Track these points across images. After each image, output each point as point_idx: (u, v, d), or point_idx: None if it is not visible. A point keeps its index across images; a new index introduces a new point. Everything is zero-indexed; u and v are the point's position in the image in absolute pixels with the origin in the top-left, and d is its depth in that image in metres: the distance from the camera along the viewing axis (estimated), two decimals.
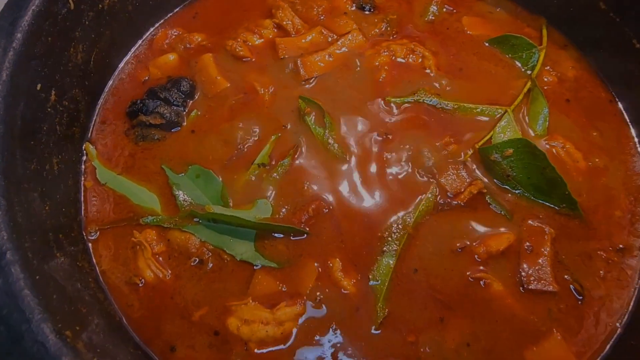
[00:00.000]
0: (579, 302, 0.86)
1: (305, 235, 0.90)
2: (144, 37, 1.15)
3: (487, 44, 1.17)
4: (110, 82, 1.07)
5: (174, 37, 1.16)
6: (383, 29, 1.19)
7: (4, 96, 0.75)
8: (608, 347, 0.82)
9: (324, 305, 0.84)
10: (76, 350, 0.59)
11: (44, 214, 0.78)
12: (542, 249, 0.90)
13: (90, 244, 0.88)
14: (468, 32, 1.19)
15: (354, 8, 1.22)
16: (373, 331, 0.83)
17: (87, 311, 0.73)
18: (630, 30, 1.04)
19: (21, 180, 0.75)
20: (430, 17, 1.21)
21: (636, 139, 1.03)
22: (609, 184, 0.99)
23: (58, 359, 0.57)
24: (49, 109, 0.88)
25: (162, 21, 1.18)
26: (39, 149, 0.83)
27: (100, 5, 1.00)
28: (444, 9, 1.22)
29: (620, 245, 0.92)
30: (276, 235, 0.90)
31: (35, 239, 0.72)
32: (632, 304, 0.86)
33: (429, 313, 0.85)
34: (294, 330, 0.82)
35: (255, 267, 0.88)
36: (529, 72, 1.12)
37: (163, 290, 0.86)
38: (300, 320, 0.83)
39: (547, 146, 1.02)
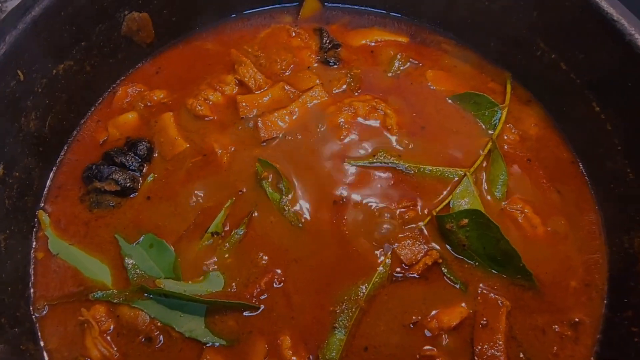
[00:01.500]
0: None
1: (258, 310, 0.89)
2: (104, 96, 1.14)
3: (450, 101, 1.17)
4: (67, 147, 1.06)
5: (134, 94, 1.15)
6: (346, 84, 1.18)
7: None
8: None
9: None
10: None
11: None
12: (498, 325, 0.89)
13: (37, 324, 0.87)
14: (432, 87, 1.18)
15: (317, 62, 1.22)
16: None
17: None
18: (590, 92, 1.03)
19: None
20: (395, 71, 1.21)
21: (597, 205, 1.02)
22: (567, 252, 0.98)
23: None
24: None
25: (123, 77, 1.18)
26: None
27: (54, 71, 0.99)
28: (409, 63, 1.21)
29: (575, 319, 0.91)
30: (227, 310, 0.89)
31: None
32: None
33: None
34: None
35: (204, 345, 0.87)
36: (490, 131, 1.11)
37: None
38: None
39: (506, 210, 1.02)
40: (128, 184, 1.00)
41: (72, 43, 1.02)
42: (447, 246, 0.96)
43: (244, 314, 0.89)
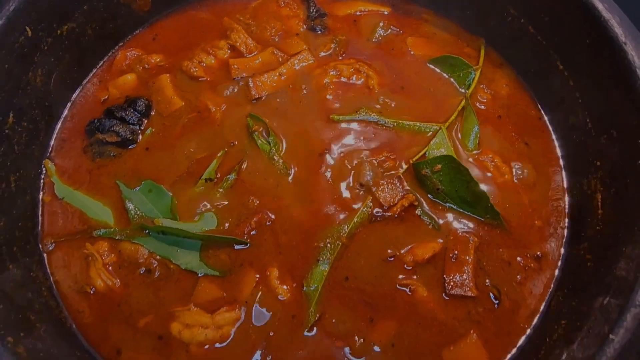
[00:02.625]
0: (495, 306, 0.94)
1: (247, 245, 0.98)
2: (105, 59, 1.22)
3: (428, 64, 1.25)
4: (70, 103, 1.14)
5: (133, 57, 1.23)
6: (332, 50, 1.26)
7: None
8: (517, 346, 0.90)
9: (260, 310, 0.92)
10: (16, 354, 0.66)
11: None
12: (466, 257, 0.98)
13: (45, 256, 0.95)
14: (412, 52, 1.27)
15: (305, 29, 1.30)
16: (305, 334, 0.90)
17: (36, 318, 0.80)
18: (554, 52, 1.12)
19: None
20: (378, 38, 1.29)
21: (560, 155, 1.11)
22: (533, 196, 1.07)
23: None
24: (6, 131, 0.95)
25: (122, 43, 1.25)
26: None
27: (58, 31, 1.07)
28: (390, 30, 1.30)
29: (538, 253, 1.00)
30: (219, 245, 0.98)
31: None
32: (543, 306, 0.94)
33: (359, 316, 0.92)
34: (232, 333, 0.89)
35: (199, 276, 0.95)
36: (464, 90, 1.20)
37: (112, 298, 0.92)
38: (238, 324, 0.90)
39: (477, 160, 1.11)
40: (128, 136, 1.08)
41: (75, 6, 1.10)
42: (423, 190, 1.05)
43: (235, 247, 0.97)
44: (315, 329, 0.91)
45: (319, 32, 1.30)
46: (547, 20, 1.12)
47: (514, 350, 0.90)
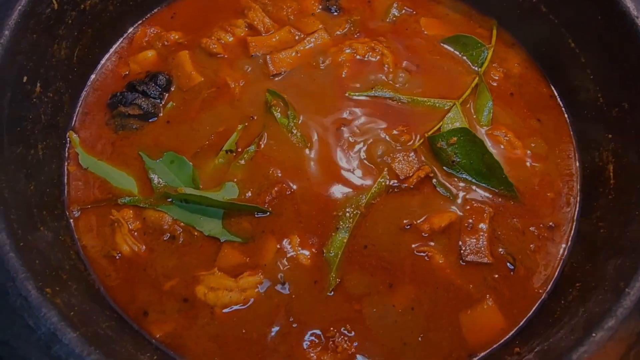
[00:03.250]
0: (511, 273, 0.97)
1: (268, 213, 1.00)
2: (125, 35, 1.24)
3: (441, 44, 1.28)
4: (93, 76, 1.16)
5: (152, 35, 1.25)
6: (347, 29, 1.29)
7: None
8: (532, 310, 0.93)
9: (282, 275, 0.94)
10: (55, 305, 0.68)
11: (28, 192, 0.87)
12: (481, 226, 1.00)
13: (72, 222, 0.98)
14: (425, 32, 1.30)
15: (320, 10, 1.32)
16: (326, 296, 0.93)
17: (67, 277, 0.82)
18: (565, 30, 1.15)
19: (7, 161, 0.84)
20: (392, 18, 1.32)
21: (571, 131, 1.14)
22: (545, 170, 1.10)
23: (38, 310, 0.66)
24: (34, 100, 0.97)
25: (141, 20, 1.28)
26: (24, 135, 0.92)
27: (82, 6, 1.09)
28: (404, 11, 1.33)
29: (551, 223, 1.02)
30: (241, 214, 1.00)
31: (21, 213, 0.81)
32: (556, 274, 0.97)
33: (378, 280, 0.95)
34: (255, 296, 0.92)
35: (222, 242, 0.97)
36: (477, 68, 1.23)
37: (138, 262, 0.95)
38: (261, 288, 0.93)
39: (491, 135, 1.13)
40: (150, 109, 1.11)
41: None
42: (438, 163, 1.08)
43: (256, 215, 1.00)
44: (335, 293, 0.94)
45: (334, 12, 1.32)
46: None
47: (529, 314, 0.92)
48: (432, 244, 0.99)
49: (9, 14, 0.91)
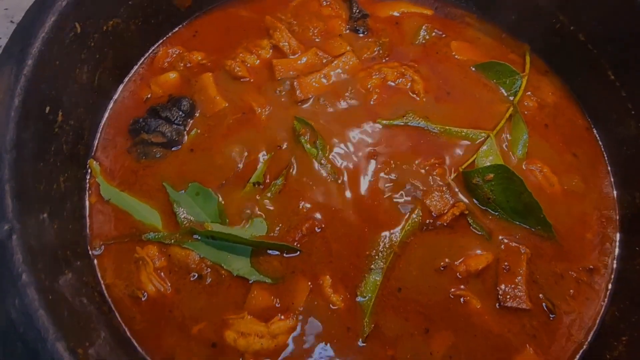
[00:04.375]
0: (551, 319, 0.93)
1: (298, 252, 0.96)
2: (146, 56, 1.19)
3: (473, 69, 1.24)
4: (114, 101, 1.12)
5: (174, 55, 1.20)
6: (375, 53, 1.24)
7: (16, 122, 0.79)
8: None
9: (314, 320, 0.91)
10: None
11: (52, 232, 0.83)
12: (518, 269, 0.97)
13: (95, 260, 0.93)
14: (456, 56, 1.26)
15: (347, 31, 1.28)
16: (360, 344, 0.89)
17: (94, 326, 0.78)
18: (605, 62, 1.11)
19: (32, 201, 0.79)
20: (421, 41, 1.27)
21: (609, 167, 1.11)
22: (582, 208, 1.06)
23: None
24: (56, 130, 0.92)
25: (163, 39, 1.23)
26: (47, 169, 0.87)
27: (104, 27, 1.04)
28: (434, 33, 1.28)
29: (590, 266, 0.99)
30: (271, 252, 0.96)
31: (47, 259, 0.76)
32: (598, 321, 0.94)
33: (414, 326, 0.91)
34: (287, 343, 0.88)
35: (250, 282, 0.93)
36: (511, 97, 1.19)
37: (164, 303, 0.91)
38: (293, 334, 0.89)
39: (526, 169, 1.09)
40: (174, 137, 1.06)
41: (121, 1, 1.07)
42: (473, 199, 1.04)
43: (286, 255, 0.96)
44: (368, 337, 0.90)
45: (361, 34, 1.27)
46: (600, 30, 1.11)
47: None
48: (468, 287, 0.95)
49: (31, 42, 0.86)
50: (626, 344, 0.83)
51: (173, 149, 1.07)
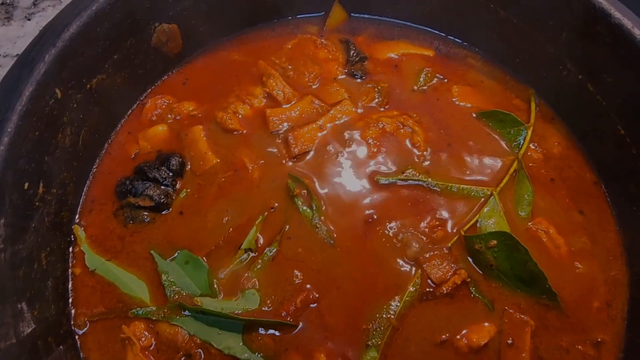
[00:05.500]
0: None
1: (295, 329, 0.92)
2: (133, 107, 1.14)
3: (475, 116, 1.18)
4: (99, 160, 1.07)
5: (164, 106, 1.15)
6: (375, 100, 1.19)
7: None
8: None
9: None
10: None
11: (32, 320, 0.79)
12: (523, 344, 0.93)
13: (78, 339, 0.90)
14: (458, 102, 1.20)
15: (344, 75, 1.22)
16: None
17: None
18: (615, 115, 1.05)
19: (7, 295, 0.75)
20: (421, 86, 1.22)
21: (618, 227, 1.06)
22: (590, 273, 1.01)
23: None
24: (37, 203, 0.88)
25: (151, 89, 1.17)
26: (27, 251, 0.83)
27: (88, 86, 0.99)
28: (435, 79, 1.22)
29: (598, 339, 0.95)
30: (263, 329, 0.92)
31: (24, 355, 0.73)
32: None
33: None
34: None
35: None
36: (515, 150, 1.13)
37: None
38: None
39: (530, 229, 1.05)
40: (162, 200, 1.01)
41: (106, 57, 1.02)
42: (474, 264, 1.00)
43: (276, 333, 0.92)
44: None
45: (359, 79, 1.22)
46: (610, 82, 1.05)
47: None
48: None
49: (7, 117, 0.81)
50: None
51: (163, 212, 1.03)
